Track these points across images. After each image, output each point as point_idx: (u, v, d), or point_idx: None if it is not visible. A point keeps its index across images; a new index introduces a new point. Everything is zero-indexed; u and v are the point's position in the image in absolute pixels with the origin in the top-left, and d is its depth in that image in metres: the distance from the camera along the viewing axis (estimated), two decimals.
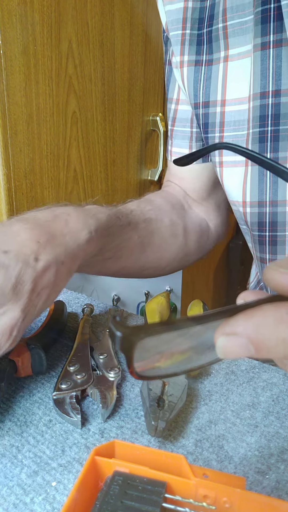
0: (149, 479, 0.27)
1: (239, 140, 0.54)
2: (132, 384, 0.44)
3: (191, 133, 0.64)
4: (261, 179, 0.53)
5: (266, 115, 0.50)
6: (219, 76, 0.55)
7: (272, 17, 0.48)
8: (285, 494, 0.32)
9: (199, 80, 0.56)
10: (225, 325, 0.21)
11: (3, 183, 0.87)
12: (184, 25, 0.57)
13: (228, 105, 0.54)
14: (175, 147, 0.67)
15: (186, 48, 0.58)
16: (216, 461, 0.35)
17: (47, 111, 0.90)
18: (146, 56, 1.07)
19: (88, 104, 0.98)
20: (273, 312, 0.20)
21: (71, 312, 0.59)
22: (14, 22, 0.81)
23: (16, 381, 0.44)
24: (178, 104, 0.64)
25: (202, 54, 0.56)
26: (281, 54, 0.48)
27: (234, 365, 0.48)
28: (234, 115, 0.54)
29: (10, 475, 0.33)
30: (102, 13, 0.95)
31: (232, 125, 0.55)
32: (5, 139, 0.85)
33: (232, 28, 0.52)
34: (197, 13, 0.56)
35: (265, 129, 0.51)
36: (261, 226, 0.56)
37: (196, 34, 0.56)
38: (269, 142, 0.51)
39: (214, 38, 0.54)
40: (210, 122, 0.57)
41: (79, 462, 0.35)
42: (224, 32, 0.53)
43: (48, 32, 0.87)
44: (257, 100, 0.51)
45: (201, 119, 0.58)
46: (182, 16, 0.57)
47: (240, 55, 0.52)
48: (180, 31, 0.58)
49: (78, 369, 0.43)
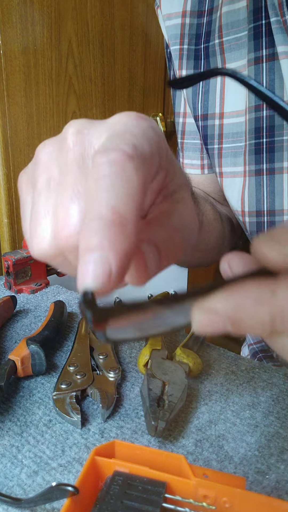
0: (149, 479, 0.27)
1: (237, 151, 0.56)
2: (132, 384, 0.44)
3: (201, 145, 0.65)
4: (258, 189, 0.55)
5: (261, 127, 0.52)
6: (216, 89, 0.56)
7: (263, 32, 0.50)
8: (285, 494, 0.32)
9: (198, 93, 0.58)
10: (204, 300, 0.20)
11: (3, 183, 0.87)
12: (182, 40, 0.59)
13: (226, 118, 0.56)
14: (186, 159, 0.68)
15: (184, 62, 0.59)
16: (216, 461, 0.35)
17: (47, 111, 0.90)
18: (146, 56, 1.07)
19: (88, 104, 0.98)
20: (255, 290, 0.19)
21: (71, 312, 0.59)
22: (14, 22, 0.81)
23: (16, 381, 0.44)
24: (186, 117, 0.66)
25: (200, 68, 0.58)
26: (274, 68, 0.50)
27: (234, 365, 0.48)
28: (232, 127, 0.56)
29: (10, 475, 0.33)
30: (102, 13, 0.95)
31: (230, 137, 0.56)
32: (5, 139, 0.85)
33: (228, 44, 0.54)
34: (194, 29, 0.58)
35: (260, 140, 0.53)
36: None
37: (194, 49, 0.58)
38: (264, 153, 0.53)
39: (211, 53, 0.56)
40: (209, 134, 0.58)
41: (79, 462, 0.35)
42: (220, 47, 0.55)
43: (48, 32, 0.87)
44: (252, 113, 0.53)
45: (201, 131, 0.60)
46: (180, 31, 0.59)
47: (236, 69, 0.54)
48: (178, 46, 0.59)
49: (78, 369, 0.43)
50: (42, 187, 0.24)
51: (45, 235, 0.24)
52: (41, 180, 0.25)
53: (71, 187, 0.23)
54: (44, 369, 0.44)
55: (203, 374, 0.46)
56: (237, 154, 0.56)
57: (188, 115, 0.66)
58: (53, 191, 0.24)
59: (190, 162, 0.67)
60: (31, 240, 0.24)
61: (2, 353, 0.49)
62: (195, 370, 0.44)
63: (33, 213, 0.24)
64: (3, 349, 0.50)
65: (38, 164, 0.25)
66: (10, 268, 0.63)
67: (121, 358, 0.49)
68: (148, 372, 0.42)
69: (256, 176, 0.54)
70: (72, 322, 0.57)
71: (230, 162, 0.57)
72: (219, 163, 0.59)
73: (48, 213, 0.24)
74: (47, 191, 0.24)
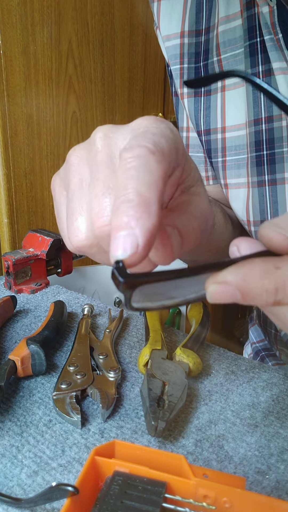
0: (149, 479, 0.27)
1: (240, 163, 0.57)
2: (132, 384, 0.44)
3: (205, 158, 0.67)
4: (261, 199, 0.56)
5: (261, 140, 0.53)
6: (217, 105, 0.58)
7: (259, 49, 0.51)
8: (285, 494, 0.32)
9: (199, 110, 0.60)
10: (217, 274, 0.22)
11: (3, 183, 0.87)
12: (181, 60, 0.60)
13: (228, 132, 0.57)
14: None
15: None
16: (216, 461, 0.35)
17: (47, 111, 0.90)
18: (146, 56, 1.07)
19: (88, 104, 0.98)
20: (261, 265, 0.22)
21: (71, 312, 0.59)
22: (14, 22, 0.81)
23: (16, 381, 0.44)
24: (189, 131, 0.68)
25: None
26: (270, 83, 0.51)
27: (234, 365, 0.48)
28: (234, 140, 0.57)
29: (10, 475, 0.33)
30: (102, 13, 0.95)
31: (233, 150, 0.57)
32: (5, 139, 0.85)
33: (226, 61, 0.55)
34: (193, 48, 0.59)
35: (261, 153, 0.54)
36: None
37: (194, 67, 0.60)
38: (265, 165, 0.54)
39: (210, 70, 0.58)
40: (213, 148, 0.60)
41: (79, 462, 0.35)
42: (219, 64, 0.56)
43: (48, 32, 0.87)
44: (252, 126, 0.54)
45: (204, 145, 0.61)
46: (180, 51, 0.60)
47: (236, 84, 0.55)
48: (179, 66, 0.61)
49: (78, 369, 0.43)
50: (75, 187, 0.27)
51: (81, 228, 0.26)
52: (74, 181, 0.27)
53: (102, 183, 0.25)
54: (44, 369, 0.44)
55: (203, 374, 0.46)
56: (240, 166, 0.57)
57: (191, 129, 0.68)
58: (86, 189, 0.27)
59: None
60: (69, 235, 0.27)
61: (2, 353, 0.49)
62: (195, 370, 0.44)
63: (68, 210, 0.27)
64: (3, 349, 0.50)
65: (70, 167, 0.28)
66: (10, 268, 0.63)
67: (121, 358, 0.49)
68: (148, 372, 0.42)
69: (258, 187, 0.56)
70: (72, 322, 0.57)
71: (234, 174, 0.58)
72: (224, 175, 0.60)
73: (82, 208, 0.27)
74: (80, 190, 0.27)
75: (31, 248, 0.67)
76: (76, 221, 0.27)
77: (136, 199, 0.22)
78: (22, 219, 0.92)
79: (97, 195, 0.25)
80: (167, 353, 0.45)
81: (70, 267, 0.71)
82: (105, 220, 0.25)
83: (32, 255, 0.65)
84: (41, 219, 0.95)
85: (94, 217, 0.25)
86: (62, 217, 0.29)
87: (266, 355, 0.71)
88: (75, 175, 0.28)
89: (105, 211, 0.25)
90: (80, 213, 0.27)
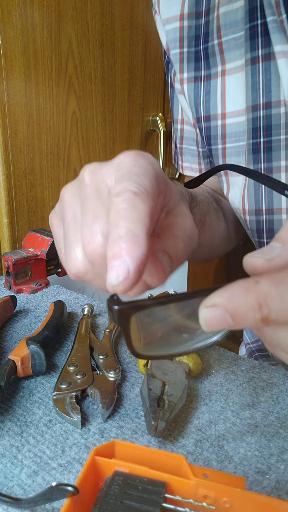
0: (149, 479, 0.27)
1: (240, 150, 0.56)
2: (132, 384, 0.44)
3: (198, 152, 0.67)
4: (256, 188, 0.55)
5: (258, 127, 0.52)
6: (217, 90, 0.56)
7: (259, 32, 0.50)
8: (285, 494, 0.32)
9: (199, 95, 0.59)
10: (206, 299, 0.24)
11: (3, 183, 0.87)
12: (181, 44, 0.59)
13: (228, 118, 0.56)
14: (185, 163, 0.71)
15: (184, 65, 0.59)
16: (216, 461, 0.35)
17: (47, 111, 0.90)
18: (146, 56, 1.07)
19: (88, 104, 0.98)
20: (242, 282, 0.23)
21: (71, 312, 0.59)
22: (14, 22, 0.81)
23: (16, 381, 0.44)
24: (184, 124, 0.67)
25: (200, 69, 0.58)
26: (270, 67, 0.50)
27: (234, 365, 0.48)
28: (234, 127, 0.56)
29: (10, 475, 0.33)
30: (102, 13, 0.95)
31: (233, 136, 0.56)
32: (5, 139, 0.85)
33: (227, 44, 0.54)
34: (192, 31, 0.58)
35: (258, 140, 0.53)
36: (259, 233, 0.58)
37: (194, 51, 0.58)
38: (262, 153, 0.53)
39: (211, 54, 0.56)
40: (213, 134, 0.59)
41: (79, 462, 0.35)
42: (219, 48, 0.55)
43: (48, 32, 0.87)
44: (249, 113, 0.53)
45: (204, 132, 0.60)
46: (179, 35, 0.59)
47: (236, 68, 0.54)
48: (178, 50, 0.59)
49: (78, 369, 0.43)
50: (69, 220, 0.31)
51: (78, 256, 0.30)
52: (68, 216, 0.31)
53: (91, 213, 0.29)
54: (44, 369, 0.44)
55: (203, 374, 0.46)
56: (240, 153, 0.56)
57: (185, 122, 0.67)
58: (79, 222, 0.30)
59: (189, 165, 0.70)
60: (67, 265, 0.30)
61: (2, 353, 0.49)
62: (195, 370, 0.44)
63: (65, 242, 0.31)
64: (3, 349, 0.50)
65: (64, 204, 0.31)
66: (10, 268, 0.63)
67: (121, 358, 0.49)
68: (148, 372, 0.42)
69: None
70: (72, 322, 0.57)
71: (234, 161, 0.57)
72: (223, 163, 0.59)
73: (77, 239, 0.30)
74: (74, 223, 0.30)
75: (31, 248, 0.67)
76: (72, 251, 0.30)
77: (126, 234, 0.25)
78: (22, 219, 0.92)
79: (87, 224, 0.29)
80: None
81: None
82: (96, 245, 0.28)
83: (32, 255, 0.65)
84: (41, 219, 0.95)
85: (85, 244, 0.28)
86: (61, 249, 0.32)
87: (260, 355, 0.71)
88: (69, 211, 0.31)
89: (96, 237, 0.28)
90: (76, 244, 0.30)
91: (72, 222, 0.31)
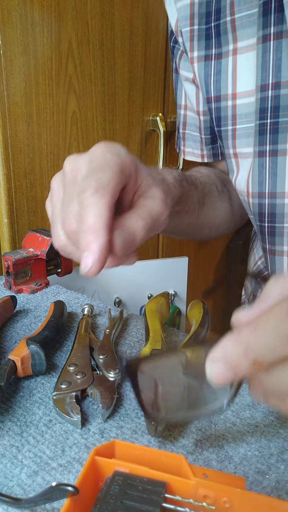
0: (149, 479, 0.27)
1: (250, 132, 0.55)
2: None
3: (201, 138, 0.67)
4: (260, 171, 0.54)
5: (266, 108, 0.51)
6: (228, 69, 0.54)
7: (273, 9, 0.48)
8: (285, 494, 0.32)
9: (210, 75, 0.57)
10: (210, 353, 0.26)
11: (3, 183, 0.87)
12: (191, 21, 0.57)
13: (238, 99, 0.55)
14: (188, 148, 0.71)
15: (195, 44, 0.58)
16: (216, 461, 0.35)
17: (47, 111, 0.90)
18: (146, 56, 1.07)
19: (88, 104, 0.98)
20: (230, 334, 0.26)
21: (71, 312, 0.59)
22: (14, 22, 0.81)
23: (16, 381, 0.44)
24: (187, 110, 0.67)
25: (211, 48, 0.56)
26: (281, 46, 0.48)
27: None
28: (244, 107, 0.54)
29: (10, 475, 0.33)
30: (102, 13, 0.95)
31: (244, 117, 0.55)
32: (5, 139, 0.85)
33: (240, 21, 0.52)
34: (203, 7, 0.56)
35: (264, 121, 0.51)
36: (261, 216, 0.57)
37: (204, 28, 0.56)
38: (268, 134, 0.51)
39: (222, 32, 0.54)
40: (223, 115, 0.57)
41: (79, 462, 0.35)
42: (232, 25, 0.53)
43: (48, 32, 0.87)
44: (258, 93, 0.51)
45: (214, 113, 0.58)
46: (189, 12, 0.57)
47: (248, 47, 0.52)
48: (189, 27, 0.58)
49: (78, 369, 0.43)
50: (55, 204, 0.38)
51: (59, 232, 0.37)
52: (54, 199, 0.38)
53: (68, 198, 0.36)
54: (44, 369, 0.44)
55: None
56: (249, 134, 0.55)
57: (189, 108, 0.66)
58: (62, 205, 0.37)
59: (192, 151, 0.70)
60: (53, 239, 0.38)
61: (2, 353, 0.49)
62: None
63: (52, 221, 0.38)
64: (3, 349, 0.50)
65: (52, 190, 0.39)
66: (10, 268, 0.63)
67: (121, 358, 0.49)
68: None
69: (259, 158, 0.54)
70: (72, 322, 0.57)
71: (244, 143, 0.56)
72: (233, 145, 0.58)
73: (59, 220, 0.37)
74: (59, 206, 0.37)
75: (31, 248, 0.67)
76: (56, 228, 0.37)
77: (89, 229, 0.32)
78: (22, 219, 0.92)
79: (64, 207, 0.35)
80: None
81: (70, 267, 0.71)
82: (69, 222, 0.34)
83: (32, 255, 0.65)
84: (41, 219, 0.95)
85: (63, 222, 0.35)
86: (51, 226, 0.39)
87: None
88: (55, 195, 0.38)
89: (70, 217, 0.34)
90: (58, 222, 0.37)
91: (57, 204, 0.37)
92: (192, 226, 0.60)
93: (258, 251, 0.71)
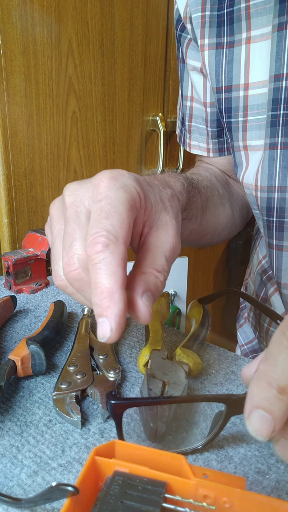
0: (149, 479, 0.27)
1: (261, 124, 0.53)
2: (132, 384, 0.44)
3: (207, 131, 0.65)
4: (271, 164, 0.53)
5: (279, 99, 0.49)
6: (241, 58, 0.53)
7: None
8: (285, 494, 0.32)
9: (221, 63, 0.55)
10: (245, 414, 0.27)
11: (3, 183, 0.87)
12: (203, 7, 0.55)
13: (251, 89, 0.53)
14: (194, 141, 0.69)
15: (206, 30, 0.56)
16: (216, 461, 0.35)
17: (47, 111, 0.90)
18: (146, 56, 1.07)
19: (88, 104, 0.98)
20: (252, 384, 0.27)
21: (71, 312, 0.59)
22: (14, 22, 0.81)
23: (16, 381, 0.44)
24: (193, 101, 0.65)
25: (223, 36, 0.54)
26: None
27: (234, 365, 0.48)
28: (257, 98, 0.53)
29: (10, 475, 0.33)
30: (102, 13, 0.95)
31: (255, 109, 0.54)
32: (5, 139, 0.85)
33: (255, 8, 0.50)
34: None
35: (277, 112, 0.50)
36: (269, 211, 0.56)
37: (216, 15, 0.54)
38: (280, 126, 0.50)
39: (235, 19, 0.52)
40: (234, 106, 0.56)
41: (79, 462, 0.35)
42: (246, 12, 0.51)
43: (48, 32, 0.87)
44: (271, 83, 0.50)
45: (224, 103, 0.57)
46: None
47: (262, 36, 0.50)
48: (200, 13, 0.56)
49: (78, 369, 0.43)
50: (55, 236, 0.35)
51: (59, 271, 0.34)
52: (55, 230, 0.35)
53: (69, 236, 0.33)
54: (44, 369, 0.44)
55: (203, 374, 0.46)
56: (261, 126, 0.54)
57: (195, 100, 0.64)
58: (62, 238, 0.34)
59: (198, 144, 0.68)
60: (53, 275, 0.35)
61: (2, 353, 0.49)
62: (195, 370, 0.44)
63: (52, 254, 0.36)
64: (3, 349, 0.50)
65: (51, 219, 0.36)
66: (10, 268, 0.63)
67: (121, 358, 0.49)
68: (148, 372, 0.42)
69: (270, 150, 0.52)
70: (72, 322, 0.57)
71: (255, 136, 0.55)
72: (243, 137, 0.56)
73: (60, 255, 0.34)
74: (59, 240, 0.35)
75: (31, 248, 0.67)
76: (56, 265, 0.35)
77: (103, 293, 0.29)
78: (22, 219, 0.92)
79: (65, 247, 0.33)
80: (167, 353, 0.45)
81: None
82: (72, 268, 0.32)
83: (32, 255, 0.65)
84: (41, 219, 0.95)
85: (64, 265, 0.32)
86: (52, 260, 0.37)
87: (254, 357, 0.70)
88: (55, 225, 0.35)
89: (71, 260, 0.32)
90: (58, 260, 0.34)
91: (57, 237, 0.35)
92: (194, 232, 0.59)
93: (261, 250, 0.71)
